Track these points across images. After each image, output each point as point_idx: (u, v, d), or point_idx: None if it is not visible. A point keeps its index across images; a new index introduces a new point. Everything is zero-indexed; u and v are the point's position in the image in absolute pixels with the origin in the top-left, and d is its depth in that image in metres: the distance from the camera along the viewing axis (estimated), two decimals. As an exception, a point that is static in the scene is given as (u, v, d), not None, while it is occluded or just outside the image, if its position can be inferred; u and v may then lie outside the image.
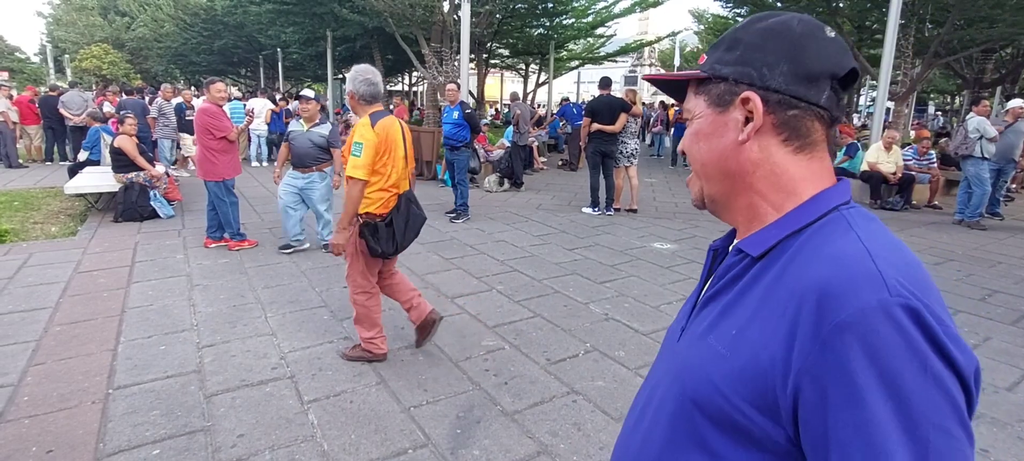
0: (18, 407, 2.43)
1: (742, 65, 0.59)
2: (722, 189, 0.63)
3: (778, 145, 0.58)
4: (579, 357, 3.00)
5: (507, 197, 7.92)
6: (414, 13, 9.79)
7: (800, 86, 0.57)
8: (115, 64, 29.56)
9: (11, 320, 3.32)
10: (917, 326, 0.44)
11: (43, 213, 6.11)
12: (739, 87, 0.59)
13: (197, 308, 3.56)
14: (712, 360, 0.55)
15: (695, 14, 21.23)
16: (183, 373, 2.74)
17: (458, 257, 4.81)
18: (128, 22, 31.14)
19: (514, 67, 22.95)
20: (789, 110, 0.57)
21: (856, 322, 0.45)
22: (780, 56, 0.57)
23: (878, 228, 0.54)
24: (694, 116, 0.64)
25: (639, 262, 4.79)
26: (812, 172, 0.58)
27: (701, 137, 0.63)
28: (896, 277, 0.46)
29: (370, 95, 2.75)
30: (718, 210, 0.65)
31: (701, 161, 0.64)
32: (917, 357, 0.43)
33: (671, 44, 25.84)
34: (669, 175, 10.67)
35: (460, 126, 6.22)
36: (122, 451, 2.15)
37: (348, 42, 15.36)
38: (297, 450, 2.17)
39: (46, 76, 27.41)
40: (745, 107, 0.58)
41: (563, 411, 2.48)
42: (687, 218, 6.75)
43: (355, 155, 2.59)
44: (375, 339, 2.86)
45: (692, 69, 0.66)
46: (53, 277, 4.07)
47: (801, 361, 0.47)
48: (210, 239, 4.96)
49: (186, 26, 23.35)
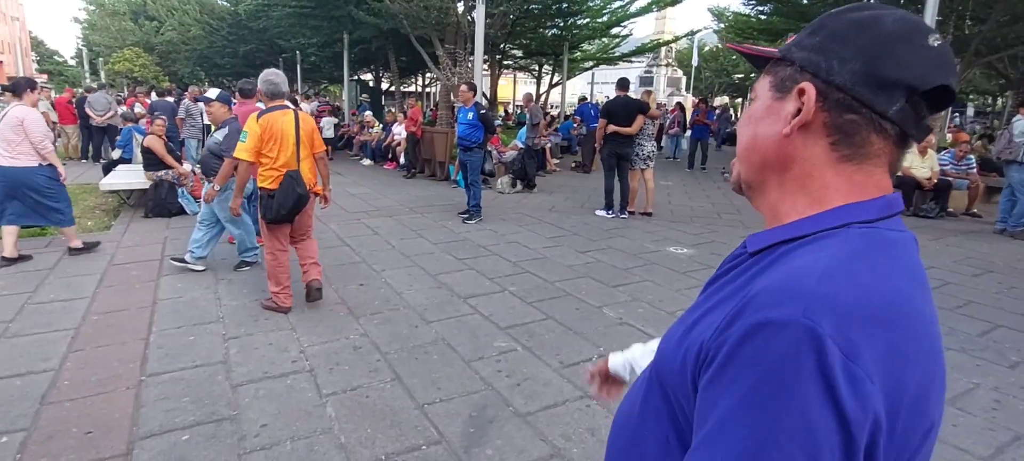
0: (60, 390, 2.60)
1: (815, 52, 0.54)
2: (755, 178, 0.60)
3: (824, 148, 0.54)
4: (593, 361, 3.02)
5: (520, 198, 7.98)
6: (429, 15, 9.90)
7: (867, 90, 0.52)
8: (145, 67, 30.50)
9: (52, 309, 3.52)
10: (812, 352, 0.42)
11: (80, 208, 6.39)
12: (802, 75, 0.55)
13: (222, 301, 3.72)
14: (676, 340, 0.57)
15: (715, 12, 20.78)
16: (210, 363, 2.88)
17: (471, 258, 4.90)
18: (157, 26, 32.09)
19: (527, 68, 22.90)
20: (847, 113, 0.52)
21: (759, 327, 0.45)
22: (857, 52, 0.52)
23: (871, 255, 0.49)
24: (756, 97, 0.61)
25: (653, 266, 4.78)
26: (852, 185, 0.54)
27: (752, 120, 0.60)
28: (828, 302, 0.44)
29: (270, 93, 3.50)
30: (751, 197, 0.63)
31: (744, 144, 0.61)
32: (794, 377, 0.43)
33: (689, 44, 25.43)
34: (686, 178, 10.56)
35: (474, 126, 6.25)
36: (154, 435, 2.29)
37: (364, 44, 15.61)
38: (316, 441, 2.27)
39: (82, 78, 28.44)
40: (799, 98, 0.54)
41: (576, 415, 2.51)
42: (704, 223, 6.70)
43: (241, 141, 3.36)
44: (280, 294, 3.55)
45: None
46: (90, 269, 4.30)
47: (712, 345, 0.49)
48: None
49: (212, 30, 24.00)
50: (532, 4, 12.43)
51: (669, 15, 34.62)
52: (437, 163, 9.61)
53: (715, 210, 7.55)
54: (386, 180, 9.32)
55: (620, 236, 5.87)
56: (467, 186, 6.52)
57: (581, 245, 5.46)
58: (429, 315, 3.57)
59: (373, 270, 4.48)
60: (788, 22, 13.67)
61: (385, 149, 11.20)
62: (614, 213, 6.77)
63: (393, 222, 6.22)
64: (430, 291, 4.03)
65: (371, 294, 3.94)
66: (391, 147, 11.01)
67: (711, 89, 31.01)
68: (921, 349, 0.47)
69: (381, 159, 11.27)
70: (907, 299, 0.48)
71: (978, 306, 3.95)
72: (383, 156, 11.23)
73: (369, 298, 3.85)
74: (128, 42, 32.24)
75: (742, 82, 30.71)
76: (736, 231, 6.29)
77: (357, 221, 6.24)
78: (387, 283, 4.17)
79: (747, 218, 6.99)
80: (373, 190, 8.30)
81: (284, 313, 3.53)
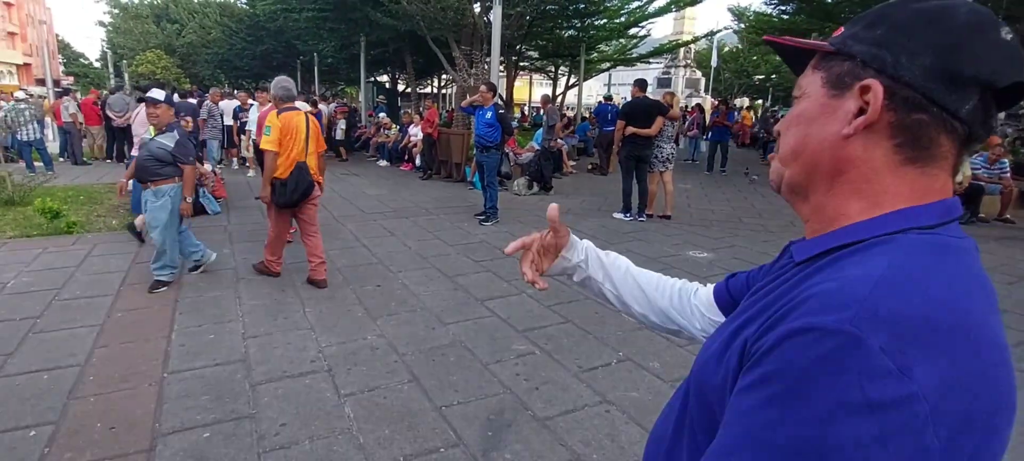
0: (85, 385, 2.64)
1: (877, 46, 0.50)
2: (803, 180, 0.55)
3: (887, 150, 0.50)
4: (612, 366, 3.00)
5: (536, 201, 7.95)
6: (445, 16, 9.93)
7: (939, 87, 0.48)
8: (167, 69, 31.19)
9: (79, 305, 3.60)
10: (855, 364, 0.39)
11: (105, 207, 6.55)
12: (865, 71, 0.50)
13: (242, 300, 3.76)
14: (716, 347, 0.54)
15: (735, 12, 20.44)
16: (230, 362, 2.91)
17: (487, 260, 4.89)
18: (178, 29, 32.82)
19: (543, 69, 22.84)
20: (916, 113, 0.48)
21: (802, 331, 0.42)
22: (927, 46, 0.48)
23: (932, 263, 0.46)
24: (803, 94, 0.56)
25: (673, 271, 4.63)
26: (913, 189, 0.50)
27: (801, 121, 0.55)
28: (882, 312, 0.41)
29: (284, 97, 4.01)
30: (794, 201, 0.58)
31: (791, 147, 0.56)
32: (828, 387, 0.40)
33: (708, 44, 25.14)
34: (705, 181, 10.43)
35: (492, 126, 6.25)
36: (176, 432, 2.31)
37: (381, 46, 15.75)
38: (334, 442, 2.27)
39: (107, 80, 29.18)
40: (862, 96, 0.50)
41: (596, 420, 2.48)
42: (725, 227, 6.60)
43: (266, 134, 3.87)
44: (273, 262, 4.24)
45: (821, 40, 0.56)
46: (114, 266, 4.38)
47: (752, 348, 0.46)
48: None
49: (231, 32, 24.47)
50: (549, 5, 12.39)
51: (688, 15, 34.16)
52: (453, 164, 9.64)
53: (736, 214, 7.42)
54: (402, 181, 9.36)
55: (638, 239, 5.82)
56: (483, 187, 6.51)
57: (599, 247, 5.38)
58: (446, 317, 3.57)
59: (390, 271, 4.50)
60: (812, 21, 13.41)
61: (401, 150, 11.27)
62: (632, 216, 6.72)
63: (409, 223, 6.24)
64: (447, 293, 4.02)
65: (388, 295, 3.95)
66: (407, 148, 11.07)
67: (731, 90, 30.58)
68: (986, 368, 0.42)
69: (397, 160, 11.34)
70: (971, 311, 0.44)
71: (1014, 316, 3.82)
72: (399, 157, 11.30)
73: (386, 299, 3.86)
74: (151, 45, 33.03)
75: (762, 83, 30.24)
76: (758, 235, 6.18)
77: (373, 222, 6.27)
78: (404, 284, 4.18)
79: (769, 222, 6.88)
80: (389, 191, 8.34)
81: (275, 277, 4.21)
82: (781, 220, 7.07)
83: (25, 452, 2.17)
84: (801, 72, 0.59)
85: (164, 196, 3.88)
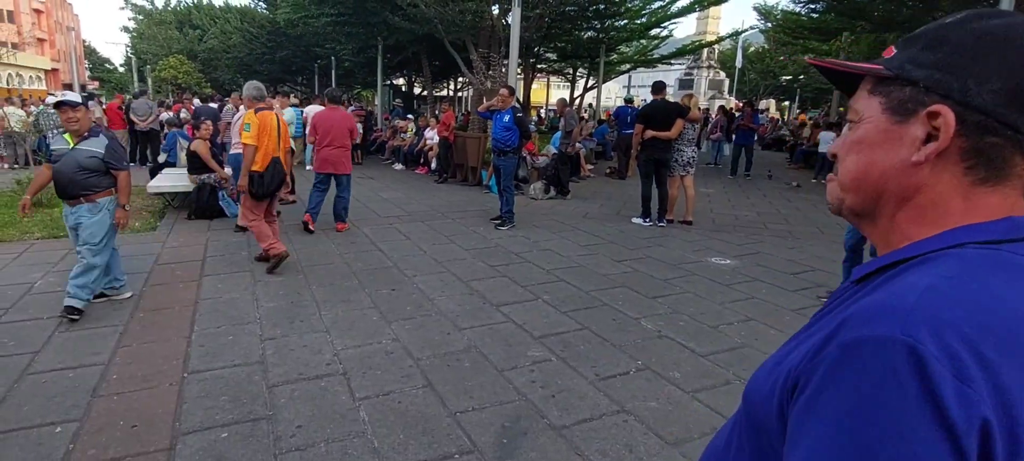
0: (109, 384, 2.70)
1: (941, 71, 0.49)
2: (868, 206, 0.55)
3: (957, 174, 0.49)
4: (630, 375, 2.95)
5: (553, 205, 7.92)
6: (463, 18, 9.94)
7: (1012, 111, 0.46)
8: (189, 74, 31.90)
9: (103, 305, 3.67)
10: (913, 373, 0.39)
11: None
12: (929, 97, 0.49)
13: (260, 302, 3.80)
14: (767, 368, 0.53)
15: (762, 11, 20.04)
16: (248, 363, 2.94)
17: (503, 265, 4.88)
18: (200, 34, 33.55)
19: (561, 72, 22.73)
20: (987, 136, 0.47)
21: (853, 346, 0.42)
22: (996, 69, 0.47)
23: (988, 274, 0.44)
24: (861, 119, 0.55)
25: (695, 277, 4.63)
26: (980, 208, 0.49)
27: (863, 146, 0.54)
28: (932, 318, 0.40)
29: (257, 98, 4.55)
30: (860, 224, 0.58)
31: (853, 174, 0.55)
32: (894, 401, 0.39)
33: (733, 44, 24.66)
34: (728, 185, 10.23)
35: (510, 130, 6.22)
36: (195, 431, 2.34)
37: (398, 49, 15.87)
38: (350, 445, 2.28)
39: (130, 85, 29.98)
40: (930, 122, 0.49)
41: (613, 430, 2.44)
42: (749, 232, 6.45)
43: (246, 131, 4.35)
44: (272, 246, 4.41)
45: (872, 62, 0.55)
46: (137, 267, 4.47)
47: (803, 370, 0.46)
48: (342, 223, 6.06)
49: (252, 37, 24.94)
50: (568, 6, 12.31)
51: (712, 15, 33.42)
52: (469, 168, 9.65)
53: (761, 220, 7.28)
54: (418, 185, 9.40)
55: (658, 245, 5.74)
56: (500, 192, 6.50)
57: (617, 254, 5.36)
58: (461, 322, 3.56)
59: (405, 275, 4.51)
60: (843, 20, 13.09)
61: (417, 154, 11.34)
62: (651, 221, 6.63)
63: (425, 227, 6.26)
64: (462, 297, 4.02)
65: (403, 299, 3.96)
66: (423, 152, 11.13)
67: (756, 92, 30.10)
68: None
69: (413, 164, 11.41)
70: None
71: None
72: (415, 161, 11.37)
73: (401, 303, 3.87)
74: (173, 50, 33.80)
75: (789, 84, 29.65)
76: (784, 242, 6.05)
77: (389, 226, 6.31)
78: (419, 288, 4.19)
79: (796, 228, 6.74)
80: (405, 195, 8.39)
81: (284, 257, 4.45)
82: (809, 226, 6.93)
83: (51, 448, 2.21)
84: (849, 92, 0.58)
85: (102, 210, 3.49)
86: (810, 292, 4.37)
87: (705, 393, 2.77)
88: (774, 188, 10.07)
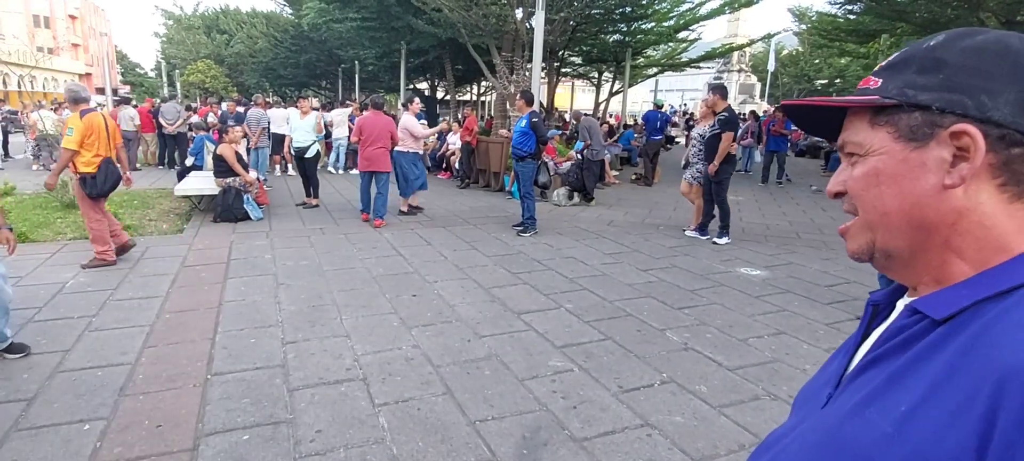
0: (135, 384, 2.73)
1: (949, 91, 0.49)
2: (907, 243, 0.52)
3: (992, 191, 0.49)
4: (655, 387, 2.87)
5: (576, 212, 7.84)
6: (487, 23, 9.93)
7: None
8: (216, 78, 32.78)
9: (131, 305, 3.75)
10: None
11: (156, 211, 6.87)
12: (945, 118, 0.49)
13: (282, 306, 3.83)
14: (875, 440, 0.47)
15: (796, 12, 19.53)
16: (269, 366, 2.95)
17: (525, 272, 4.84)
18: (227, 39, 34.45)
19: (586, 76, 22.54)
20: (1013, 148, 0.47)
21: None
22: (1006, 81, 0.48)
23: None
24: (871, 152, 0.53)
25: (723, 289, 4.50)
26: None
27: (883, 179, 0.52)
28: None
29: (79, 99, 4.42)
30: (892, 266, 0.55)
31: (882, 209, 0.53)
32: None
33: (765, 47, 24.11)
34: (759, 193, 9.95)
35: (526, 135, 6.21)
36: (217, 433, 2.35)
37: (421, 53, 16.00)
38: (369, 451, 2.26)
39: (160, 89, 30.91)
40: (954, 142, 0.48)
41: (636, 444, 2.37)
42: (780, 242, 6.27)
43: (68, 135, 4.29)
44: (105, 252, 4.54)
45: (859, 94, 0.55)
46: (164, 269, 4.56)
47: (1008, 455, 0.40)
48: (380, 220, 6.46)
49: (277, 42, 25.51)
50: (594, 9, 12.17)
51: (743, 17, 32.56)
52: (491, 173, 9.63)
53: (793, 229, 7.07)
54: (440, 190, 9.42)
55: (685, 255, 5.60)
56: (521, 198, 6.47)
57: (642, 263, 5.25)
58: (482, 329, 3.53)
59: (426, 281, 4.50)
60: (882, 22, 12.71)
61: (439, 159, 11.38)
62: (729, 238, 6.14)
63: (446, 233, 6.26)
64: (483, 305, 3.99)
65: (424, 305, 3.94)
66: (445, 156, 11.17)
67: (789, 96, 29.58)
68: None
69: (435, 168, 11.46)
70: None
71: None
72: (437, 165, 11.41)
73: (422, 309, 3.86)
74: (201, 54, 34.78)
75: (825, 88, 28.92)
76: (818, 253, 5.85)
77: (410, 231, 6.33)
78: (439, 295, 4.17)
79: (830, 239, 6.51)
80: (426, 199, 8.42)
81: (112, 265, 4.54)
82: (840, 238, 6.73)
83: (80, 445, 2.25)
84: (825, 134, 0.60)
85: None
86: (845, 305, 4.21)
87: (733, 408, 2.68)
88: (807, 196, 9.78)
